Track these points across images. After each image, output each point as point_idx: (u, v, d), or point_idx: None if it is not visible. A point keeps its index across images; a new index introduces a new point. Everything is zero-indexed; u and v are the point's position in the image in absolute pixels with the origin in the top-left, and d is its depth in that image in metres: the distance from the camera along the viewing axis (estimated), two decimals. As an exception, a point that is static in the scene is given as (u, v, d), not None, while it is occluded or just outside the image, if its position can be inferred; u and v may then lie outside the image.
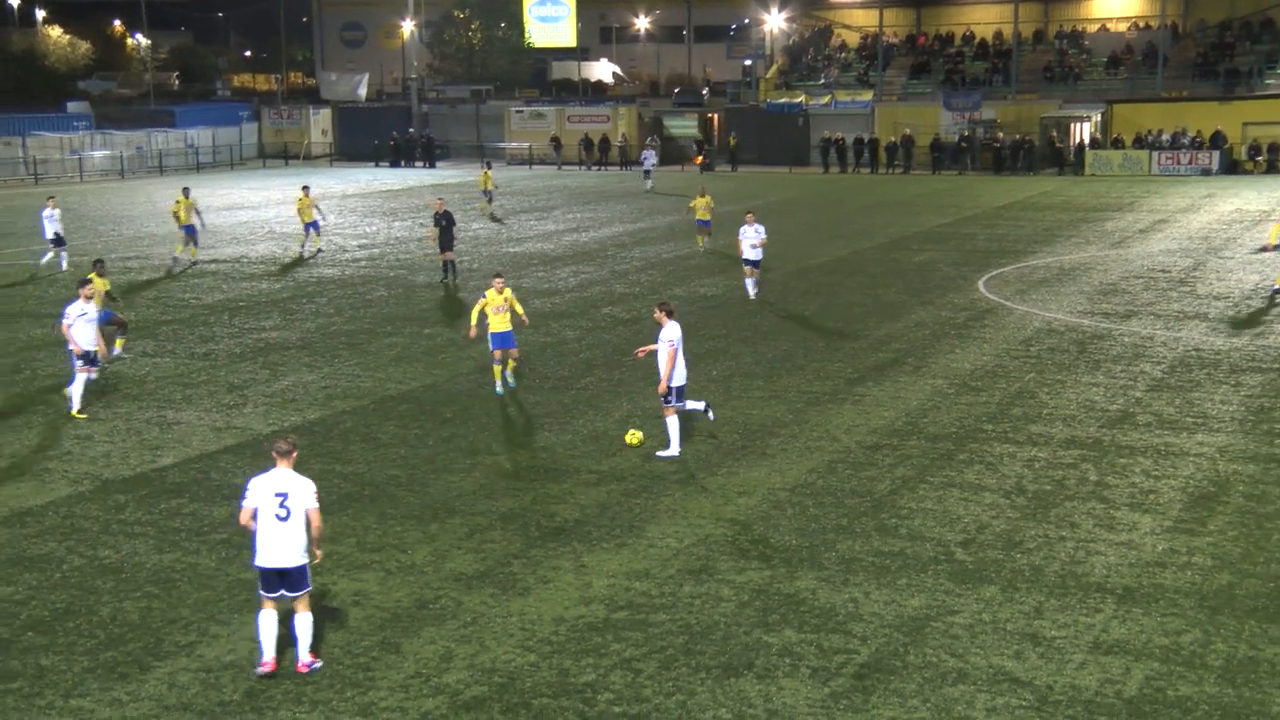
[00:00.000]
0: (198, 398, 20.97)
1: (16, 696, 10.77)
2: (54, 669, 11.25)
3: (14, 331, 26.64)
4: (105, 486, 16.40)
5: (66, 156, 71.43)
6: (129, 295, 30.94)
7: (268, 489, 11.00)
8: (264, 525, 10.98)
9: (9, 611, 12.51)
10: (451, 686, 10.89)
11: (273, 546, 10.96)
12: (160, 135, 77.59)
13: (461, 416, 19.64)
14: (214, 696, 10.74)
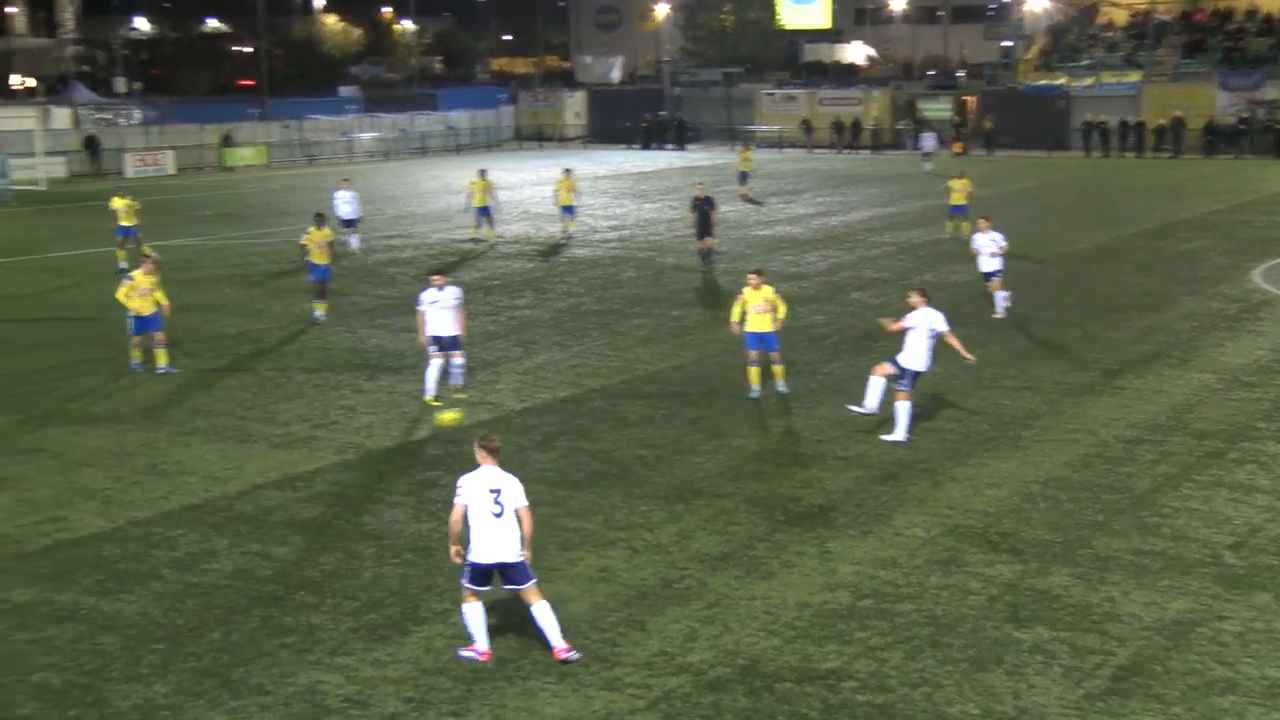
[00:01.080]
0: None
1: (291, 650, 11.37)
2: (322, 627, 11.83)
3: (289, 305, 28.01)
4: (368, 456, 17.13)
5: (338, 139, 74.76)
6: (391, 271, 32.22)
7: (481, 486, 11.00)
8: (479, 522, 10.95)
9: (283, 571, 13.21)
10: (695, 666, 10.98)
11: (490, 542, 10.94)
12: (423, 117, 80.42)
13: (708, 398, 19.74)
14: (467, 663, 11.10)
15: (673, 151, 76.45)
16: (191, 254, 35.86)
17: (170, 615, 12.14)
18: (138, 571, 13.20)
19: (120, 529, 14.44)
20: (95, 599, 12.51)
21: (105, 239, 34.40)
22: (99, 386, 20.90)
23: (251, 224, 43.43)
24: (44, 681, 10.85)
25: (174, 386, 20.87)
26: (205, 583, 12.89)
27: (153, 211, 46.16)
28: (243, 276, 31.92)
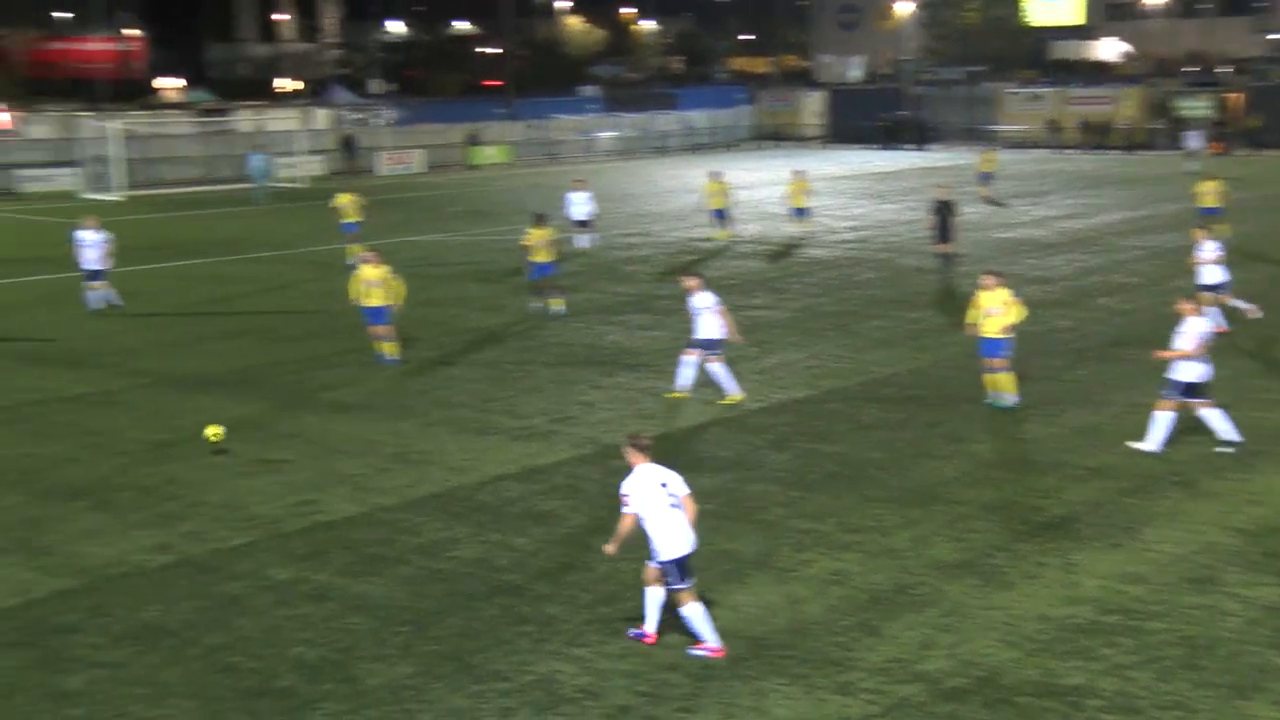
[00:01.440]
0: (690, 371, 21.80)
1: (529, 639, 11.64)
2: (558, 618, 12.06)
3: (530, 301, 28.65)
4: (604, 451, 17.37)
5: (579, 138, 76.17)
6: (629, 269, 32.62)
7: (650, 484, 11.02)
8: (663, 519, 10.99)
9: (521, 561, 13.53)
10: (931, 675, 10.78)
11: (679, 533, 11.02)
12: (662, 117, 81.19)
13: (945, 403, 19.35)
14: (700, 660, 11.14)
15: (912, 152, 75.22)
16: (438, 250, 37.04)
17: (415, 599, 12.57)
18: (385, 556, 13.71)
19: (369, 514, 15.03)
20: (347, 580, 13.05)
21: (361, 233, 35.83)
22: (351, 377, 21.78)
23: (496, 221, 44.60)
24: (300, 656, 11.38)
25: (420, 379, 21.60)
26: (447, 569, 13.30)
27: (401, 208, 47.94)
28: (486, 272, 32.81)
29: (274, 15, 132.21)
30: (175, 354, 23.52)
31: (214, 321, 26.59)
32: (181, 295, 29.88)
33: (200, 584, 12.96)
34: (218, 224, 44.02)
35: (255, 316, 27.21)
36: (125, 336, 25.04)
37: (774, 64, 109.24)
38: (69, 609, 12.36)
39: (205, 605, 12.44)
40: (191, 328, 26.03)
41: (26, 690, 10.78)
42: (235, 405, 19.88)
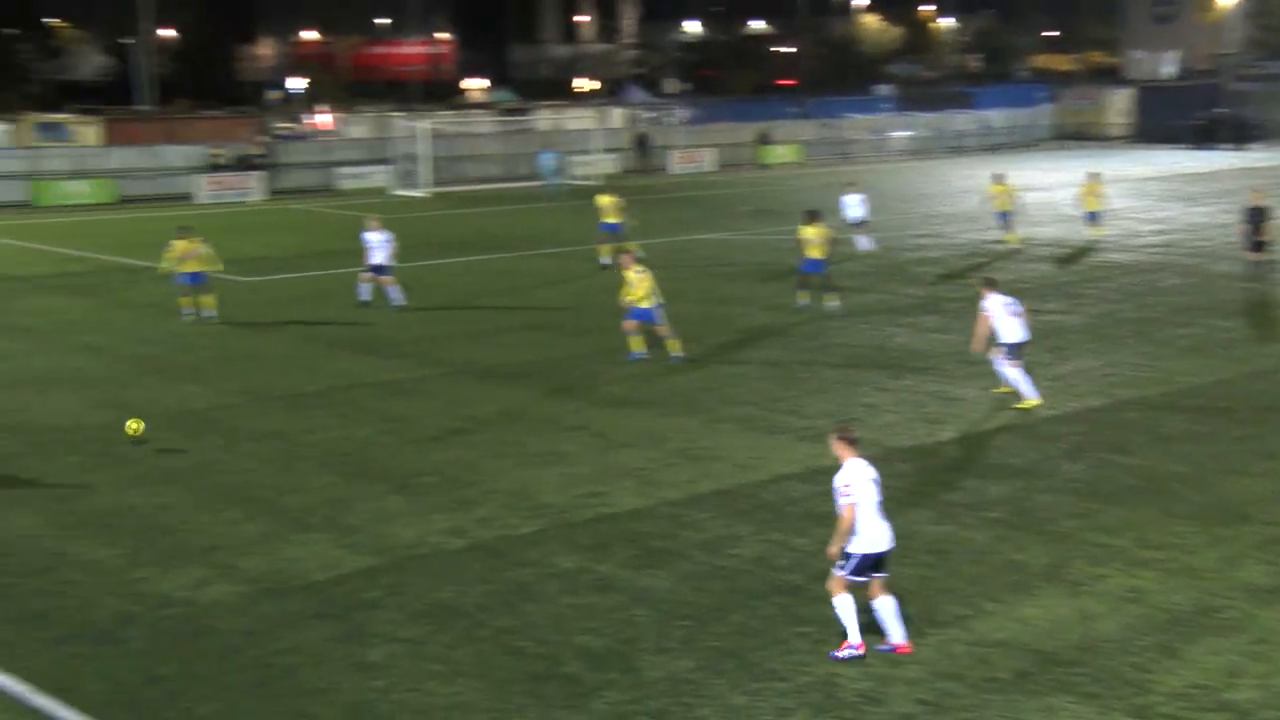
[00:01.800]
0: (979, 375, 21.25)
1: (807, 640, 11.59)
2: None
3: (816, 301, 28.49)
4: (889, 454, 17.12)
5: (871, 137, 75.30)
6: (919, 270, 32.05)
7: (864, 477, 11.06)
8: (869, 513, 11.02)
9: (801, 562, 13.48)
10: (1239, 704, 10.19)
11: (880, 530, 11.08)
12: (958, 116, 79.42)
13: (1258, 417, 18.26)
14: (984, 671, 10.87)
15: (1230, 152, 71.16)
16: (727, 248, 37.29)
17: (697, 594, 12.69)
18: (668, 550, 13.90)
19: (653, 508, 15.26)
20: (630, 572, 13.29)
21: (649, 230, 36.43)
22: (639, 372, 22.15)
23: (785, 220, 44.44)
24: (585, 644, 11.66)
25: (706, 375, 21.79)
26: (729, 566, 13.38)
27: (692, 206, 48.47)
28: (774, 271, 32.80)
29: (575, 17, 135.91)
30: (473, 345, 24.46)
31: (510, 314, 27.53)
32: (481, 288, 31.05)
33: (492, 568, 13.44)
34: (514, 220, 45.53)
35: (549, 311, 28.02)
36: (428, 326, 26.20)
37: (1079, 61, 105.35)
38: (372, 586, 13.02)
39: (496, 589, 12.89)
40: (489, 320, 27.02)
41: (333, 660, 11.41)
42: (527, 396, 20.53)
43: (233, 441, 18.19)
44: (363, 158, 60.16)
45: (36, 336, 25.45)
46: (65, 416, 19.56)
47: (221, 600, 12.69)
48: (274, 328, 26.36)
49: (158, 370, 22.55)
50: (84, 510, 15.34)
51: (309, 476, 16.56)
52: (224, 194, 53.07)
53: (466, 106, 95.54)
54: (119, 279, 32.39)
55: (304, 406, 20.08)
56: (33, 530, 14.64)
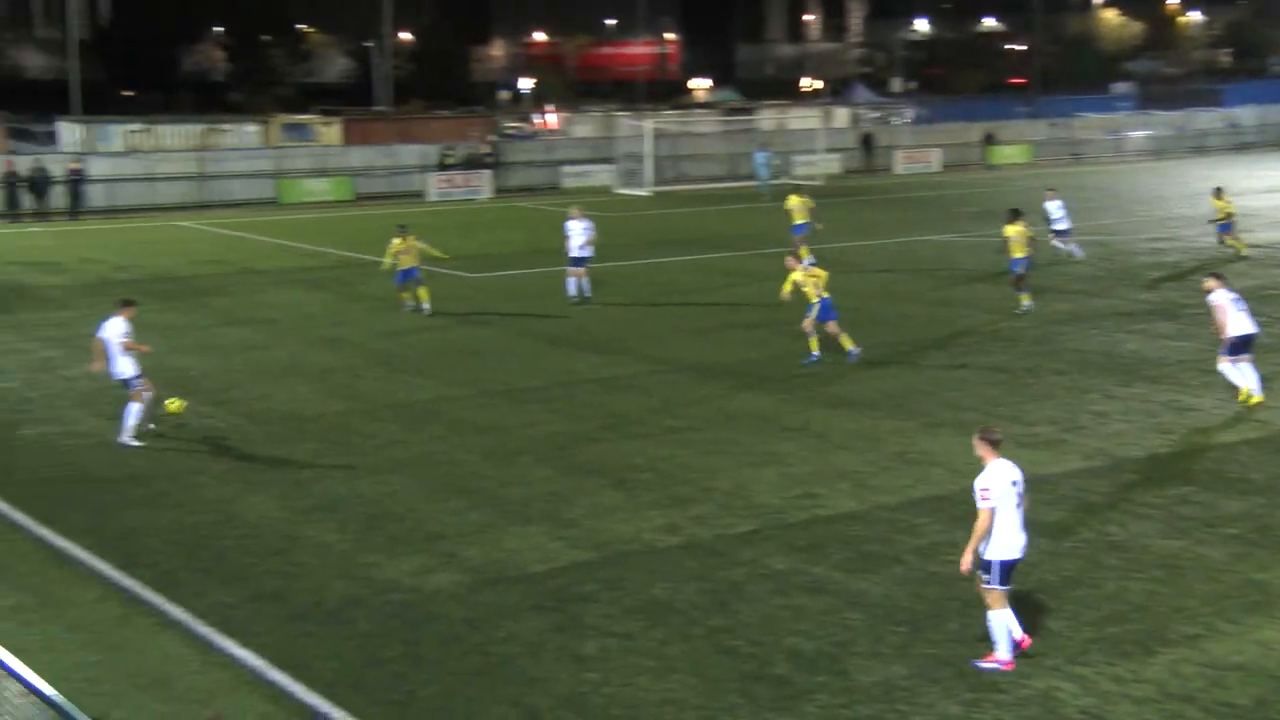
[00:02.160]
0: (1215, 385, 20.34)
1: (1027, 653, 11.29)
2: (1060, 633, 11.64)
3: (1042, 305, 27.73)
4: (1117, 464, 16.58)
5: (1106, 137, 72.77)
6: (1153, 275, 30.85)
7: (1004, 481, 10.86)
8: (1008, 518, 10.83)
9: (1023, 571, 13.09)
10: None
11: (1019, 535, 10.93)
12: (1203, 114, 76.08)
13: None
14: (1219, 695, 10.42)
15: None
16: (950, 250, 36.58)
17: (912, 600, 12.51)
18: (883, 554, 13.73)
19: (869, 511, 15.10)
20: (843, 575, 13.18)
21: (874, 230, 36.05)
22: (857, 373, 21.93)
23: (1013, 222, 43.41)
24: (796, 646, 11.61)
25: (926, 379, 21.43)
26: (945, 573, 13.13)
27: (916, 207, 47.71)
28: (998, 274, 32.01)
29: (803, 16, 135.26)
30: (693, 342, 24.60)
31: (730, 312, 27.57)
32: (700, 286, 31.19)
33: (706, 567, 13.50)
34: (735, 219, 45.58)
35: (769, 309, 27.93)
36: (647, 323, 26.47)
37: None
38: (587, 579, 13.23)
39: (709, 588, 12.95)
40: (709, 317, 27.12)
41: (549, 651, 11.64)
42: (745, 395, 20.55)
43: (456, 433, 18.73)
44: (587, 156, 61.09)
45: (278, 328, 26.67)
46: (303, 404, 20.46)
47: (444, 588, 13.08)
48: (496, 323, 27.03)
49: (386, 362, 23.37)
50: (317, 495, 16.02)
51: (528, 469, 16.93)
52: (453, 192, 54.63)
53: (690, 106, 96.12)
54: (352, 273, 33.69)
55: (523, 400, 20.53)
56: (271, 513, 15.36)
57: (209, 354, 24.11)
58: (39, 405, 20.47)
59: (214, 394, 21.15)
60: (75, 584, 13.28)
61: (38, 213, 47.08)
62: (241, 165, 53.91)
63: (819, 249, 34.68)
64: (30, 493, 16.10)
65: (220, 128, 59.91)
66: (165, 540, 14.43)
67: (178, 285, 32.21)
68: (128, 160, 52.46)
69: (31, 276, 33.86)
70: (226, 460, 17.51)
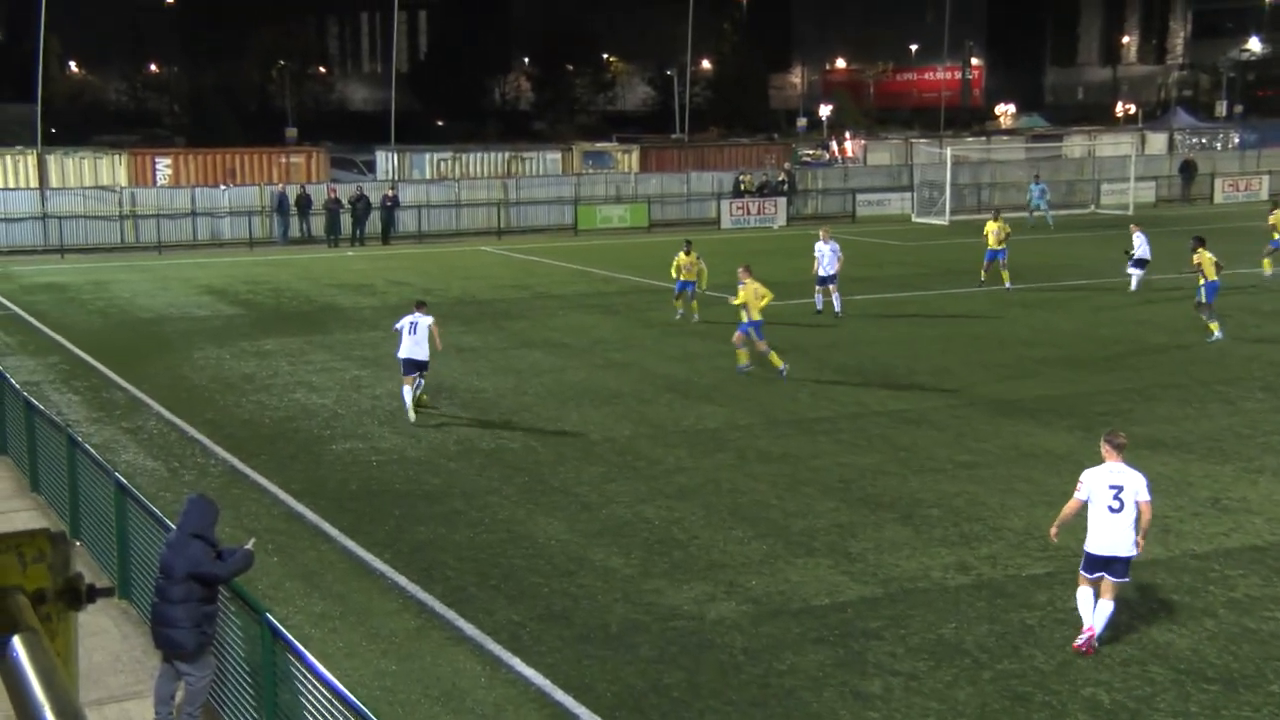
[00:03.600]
0: None
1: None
2: None
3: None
4: None
5: None
6: None
7: (1102, 481, 11.86)
8: (1097, 515, 11.86)
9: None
10: None
11: (1105, 535, 11.80)
12: None
13: None
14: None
15: None
16: (1276, 284, 34.49)
17: (1224, 657, 11.82)
18: (1192, 606, 13.02)
19: (1176, 559, 14.36)
20: (1147, 625, 12.56)
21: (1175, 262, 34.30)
22: (1169, 413, 20.94)
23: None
24: (1094, 697, 11.13)
25: (1245, 419, 20.29)
26: (1265, 630, 12.37)
27: (1235, 238, 45.15)
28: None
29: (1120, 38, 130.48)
30: (989, 376, 23.98)
31: (1030, 346, 26.75)
32: (996, 316, 30.39)
33: (996, 608, 13.11)
34: (1032, 249, 44.21)
35: (1074, 342, 27.02)
36: (940, 356, 25.95)
37: None
38: (872, 615, 13.03)
39: (1000, 630, 12.56)
40: (1007, 351, 26.38)
41: (831, 687, 11.52)
42: (1044, 432, 19.89)
43: (743, 461, 18.79)
44: (884, 185, 60.53)
45: (571, 351, 27.41)
46: (592, 427, 20.93)
47: (726, 616, 13.11)
48: (787, 353, 27.00)
49: (675, 388, 23.67)
50: (604, 519, 16.34)
51: (814, 500, 16.82)
52: (747, 219, 55.03)
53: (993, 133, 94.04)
54: (644, 299, 34.31)
55: (812, 431, 20.43)
56: (560, 534, 15.76)
57: (504, 376, 24.96)
58: (348, 422, 21.62)
59: (508, 415, 21.87)
60: (376, 595, 13.94)
61: (355, 238, 49.93)
62: (542, 192, 55.81)
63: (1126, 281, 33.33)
64: (338, 505, 17.01)
65: (523, 155, 62.16)
66: (458, 556, 14.99)
67: (478, 308, 33.55)
68: (436, 187, 55.06)
69: (347, 298, 35.89)
70: (518, 481, 18.07)
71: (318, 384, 24.55)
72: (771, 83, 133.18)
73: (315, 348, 28.25)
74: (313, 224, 50.79)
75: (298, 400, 23.22)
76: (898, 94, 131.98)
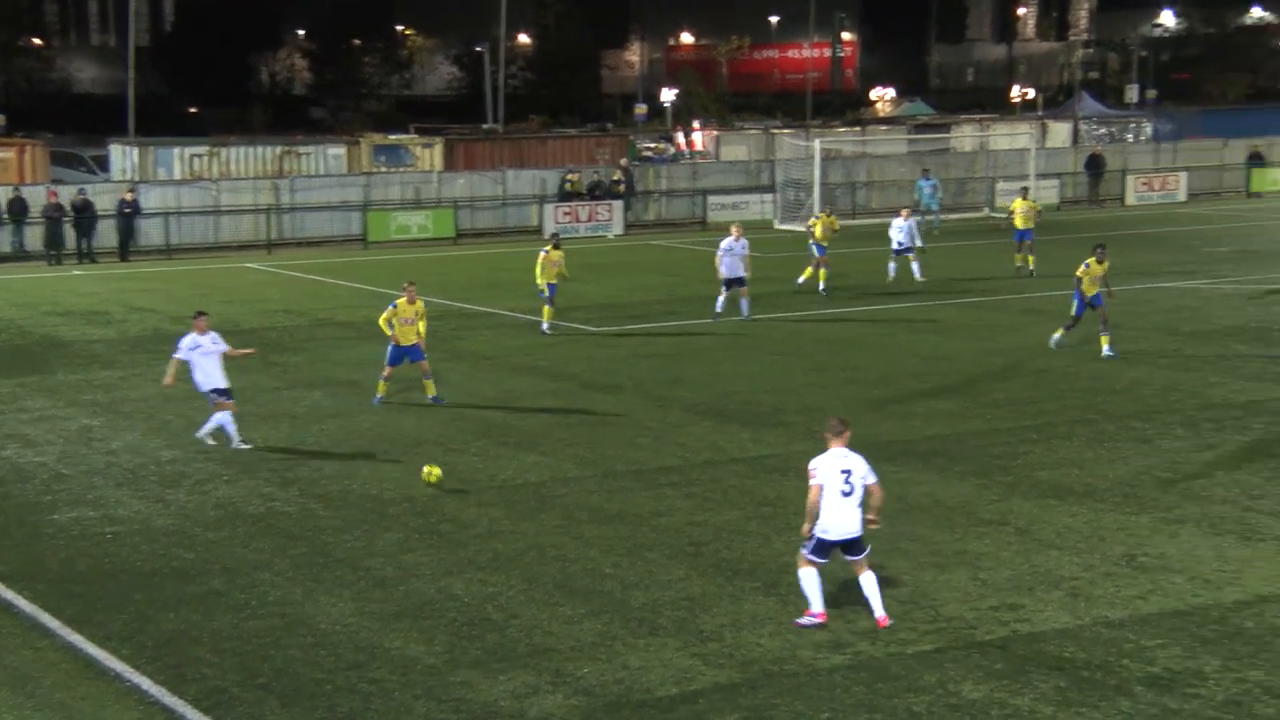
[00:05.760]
0: None
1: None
2: None
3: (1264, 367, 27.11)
4: None
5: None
6: None
7: (835, 466, 14.56)
8: (830, 500, 14.49)
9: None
10: None
11: (838, 519, 14.54)
12: None
13: None
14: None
15: None
16: (1199, 301, 35.96)
17: (1140, 742, 12.22)
18: (1104, 684, 13.44)
19: (1087, 628, 14.81)
20: (1054, 709, 12.92)
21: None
22: (1077, 454, 21.61)
23: (1277, 265, 42.58)
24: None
25: (1164, 462, 21.04)
26: (1187, 710, 12.82)
27: (1152, 247, 46.94)
28: (1258, 330, 31.39)
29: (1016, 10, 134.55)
30: (867, 414, 24.41)
31: (914, 379, 27.36)
32: (875, 345, 31.04)
33: (877, 694, 13.35)
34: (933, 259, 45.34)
35: (964, 373, 27.72)
36: (810, 392, 26.39)
37: None
38: (729, 706, 13.16)
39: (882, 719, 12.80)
40: (887, 385, 26.94)
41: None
42: (933, 480, 20.36)
43: (572, 522, 18.85)
44: (740, 184, 61.49)
45: (361, 392, 27.15)
46: (387, 485, 20.78)
47: (552, 713, 13.12)
48: (627, 388, 27.19)
49: (490, 434, 23.65)
50: (402, 597, 16.23)
51: (659, 568, 16.95)
52: (576, 227, 55.29)
53: (869, 122, 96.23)
54: (451, 326, 34.21)
55: (656, 484, 20.60)
56: (346, 618, 15.59)
57: (276, 423, 24.64)
58: (75, 484, 21.12)
59: (280, 472, 21.60)
60: (111, 701, 13.61)
61: (84, 253, 48.83)
62: (323, 195, 55.40)
63: (1032, 298, 34.33)
64: (62, 590, 16.58)
65: (299, 150, 61.64)
66: (217, 649, 14.73)
67: (242, 339, 32.98)
68: (189, 190, 54.21)
69: (73, 329, 35.08)
70: (294, 553, 17.84)
71: (34, 437, 23.94)
72: (605, 62, 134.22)
73: (31, 392, 27.56)
74: (27, 236, 49.58)
75: (7, 458, 22.63)
76: (756, 75, 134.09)
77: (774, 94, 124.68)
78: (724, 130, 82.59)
